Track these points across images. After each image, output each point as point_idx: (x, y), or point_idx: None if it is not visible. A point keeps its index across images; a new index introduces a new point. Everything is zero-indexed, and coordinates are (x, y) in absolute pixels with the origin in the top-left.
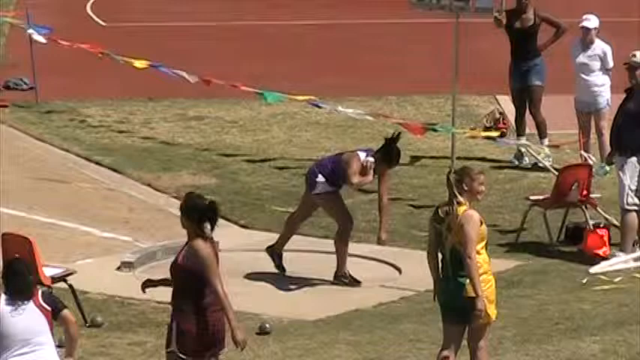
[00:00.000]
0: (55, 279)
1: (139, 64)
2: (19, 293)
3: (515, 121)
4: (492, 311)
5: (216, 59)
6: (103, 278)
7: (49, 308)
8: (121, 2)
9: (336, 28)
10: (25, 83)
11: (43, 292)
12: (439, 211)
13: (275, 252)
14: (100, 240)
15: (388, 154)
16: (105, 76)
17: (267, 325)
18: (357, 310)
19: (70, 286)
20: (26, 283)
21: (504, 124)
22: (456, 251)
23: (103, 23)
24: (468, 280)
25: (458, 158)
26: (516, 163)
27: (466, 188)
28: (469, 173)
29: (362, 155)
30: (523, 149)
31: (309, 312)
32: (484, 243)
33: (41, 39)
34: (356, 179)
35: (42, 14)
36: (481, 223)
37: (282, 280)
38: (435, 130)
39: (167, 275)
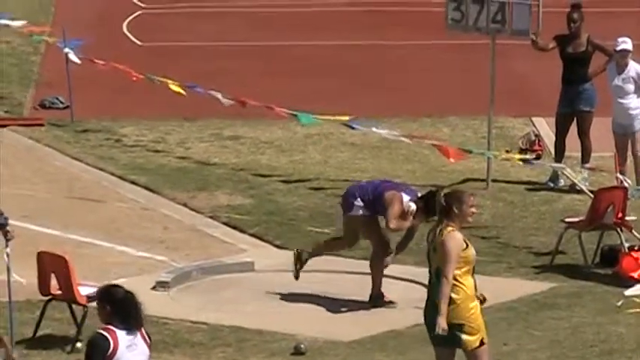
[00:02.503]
0: (90, 298)
1: (175, 87)
2: (135, 326)
3: (555, 145)
4: (475, 338)
5: (252, 79)
6: (138, 298)
7: (149, 341)
8: (157, 22)
9: (372, 48)
10: (61, 102)
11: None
12: (430, 233)
13: (303, 257)
14: (136, 259)
15: (431, 205)
16: (141, 96)
17: (302, 346)
18: (391, 331)
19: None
20: (141, 314)
21: (540, 146)
22: (440, 273)
23: (139, 42)
24: (451, 307)
25: (493, 180)
26: (551, 185)
27: (456, 212)
28: (459, 198)
29: (405, 198)
30: (559, 172)
31: (343, 333)
32: (469, 267)
33: (76, 59)
34: (395, 224)
35: (78, 33)
36: (467, 247)
37: (317, 300)
38: (470, 152)
39: (207, 295)
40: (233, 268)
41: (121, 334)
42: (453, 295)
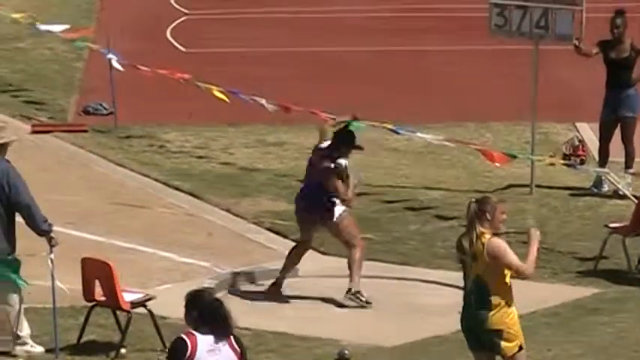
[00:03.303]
0: (134, 304)
1: (219, 93)
2: (221, 333)
3: (599, 150)
4: (514, 344)
5: (295, 85)
6: (182, 304)
7: (239, 350)
8: (200, 28)
9: (415, 54)
10: (105, 108)
11: (234, 335)
12: (462, 241)
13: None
14: (179, 265)
15: (345, 145)
16: (184, 102)
17: (346, 352)
18: (435, 337)
19: (150, 311)
20: (230, 322)
21: (583, 151)
22: (480, 281)
23: (183, 48)
24: (490, 313)
25: (537, 186)
26: (595, 190)
27: (489, 218)
28: (492, 204)
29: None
30: (603, 177)
31: (387, 338)
32: (509, 273)
33: (119, 66)
34: (349, 194)
35: (122, 39)
36: None
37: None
38: (514, 157)
39: (250, 301)
40: (277, 274)
41: (202, 338)
42: (494, 301)
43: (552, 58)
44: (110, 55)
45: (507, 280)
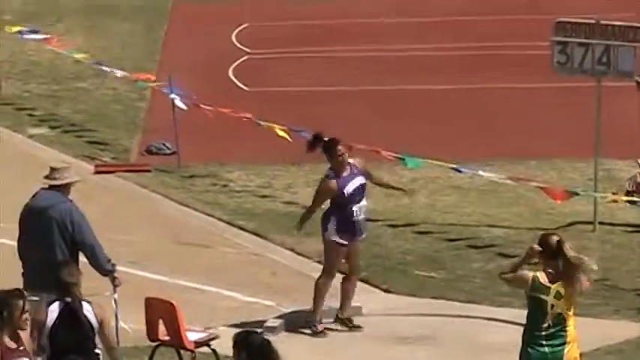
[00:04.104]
0: (198, 343)
1: (281, 131)
2: None
3: None
4: None
5: (358, 123)
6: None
7: None
8: (263, 66)
9: (477, 91)
10: (168, 148)
11: None
12: (541, 280)
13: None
14: (243, 304)
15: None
16: (247, 141)
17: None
18: None
19: (214, 350)
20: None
21: None
22: (562, 317)
23: (245, 87)
24: (566, 349)
25: (600, 223)
26: None
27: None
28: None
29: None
30: None
31: None
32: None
33: (182, 105)
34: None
35: (184, 78)
36: None
37: (424, 344)
38: (576, 194)
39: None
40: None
41: None
42: (569, 336)
43: (614, 94)
44: (173, 95)
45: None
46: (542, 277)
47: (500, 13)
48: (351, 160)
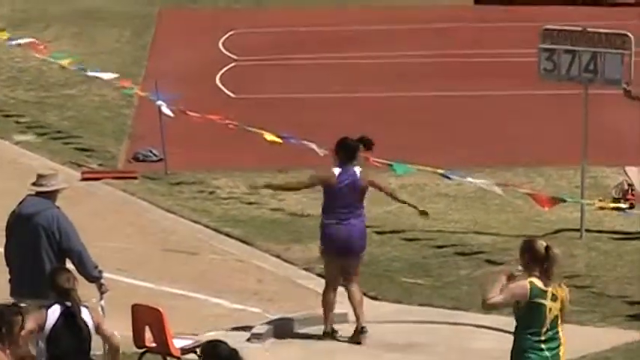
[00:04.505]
0: (184, 350)
1: (269, 137)
2: None
3: None
4: None
5: (346, 130)
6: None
7: None
8: (250, 74)
9: (464, 99)
10: (155, 155)
11: None
12: (538, 285)
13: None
14: (230, 311)
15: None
16: (234, 148)
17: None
18: None
19: (200, 357)
20: None
21: (633, 195)
22: (557, 320)
23: (232, 94)
24: (562, 350)
25: (587, 230)
26: None
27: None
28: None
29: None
30: None
31: None
32: None
33: (169, 112)
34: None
35: (171, 86)
36: None
37: (412, 352)
38: (563, 201)
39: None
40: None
41: None
42: (563, 337)
43: (601, 102)
44: (159, 102)
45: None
46: (538, 282)
47: (487, 20)
48: (357, 169)
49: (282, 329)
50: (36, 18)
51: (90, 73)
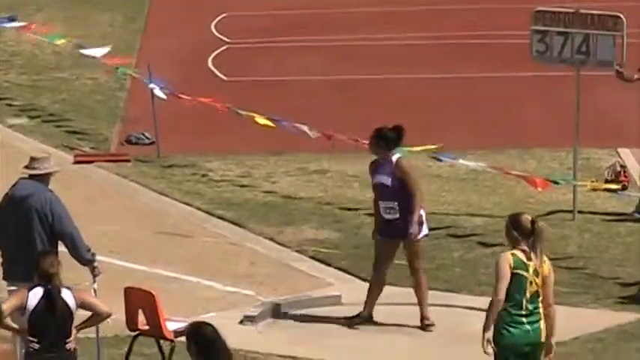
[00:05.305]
0: (177, 333)
1: (261, 120)
2: None
3: None
4: None
5: (338, 113)
6: (225, 332)
7: None
8: (242, 57)
9: (456, 81)
10: (147, 138)
11: None
12: (520, 257)
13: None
14: (223, 294)
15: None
16: (226, 131)
17: None
18: None
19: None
20: (226, 355)
21: (626, 177)
22: (537, 294)
23: (225, 77)
24: (542, 324)
25: (579, 212)
26: (637, 216)
27: None
28: None
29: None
30: None
31: None
32: None
33: (162, 95)
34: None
35: (163, 68)
36: None
37: (405, 334)
38: (556, 183)
39: (294, 329)
40: (320, 302)
41: None
42: (541, 312)
43: (594, 83)
44: (152, 85)
45: None
46: (520, 254)
47: (479, 2)
48: (394, 158)
49: (275, 312)
50: (26, 1)
51: (83, 51)
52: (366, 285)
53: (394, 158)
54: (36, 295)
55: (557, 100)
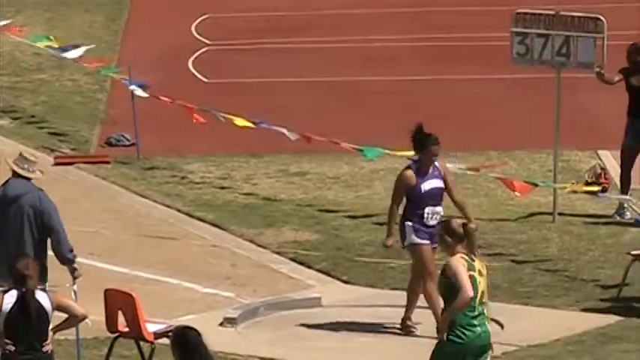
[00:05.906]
0: (157, 335)
1: (240, 122)
2: None
3: (621, 177)
4: None
5: (318, 115)
6: (205, 334)
7: None
8: (223, 58)
9: (437, 83)
10: (127, 139)
11: None
12: (467, 259)
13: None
14: (203, 296)
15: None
16: (206, 132)
17: None
18: None
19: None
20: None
21: (606, 179)
22: (483, 296)
23: (205, 79)
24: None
25: (560, 214)
26: (618, 218)
27: None
28: None
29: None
30: (625, 204)
31: None
32: None
33: (143, 93)
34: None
35: (143, 70)
36: None
37: (383, 335)
38: (535, 185)
39: (274, 331)
40: (300, 304)
41: None
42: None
43: (574, 85)
44: (132, 86)
45: None
46: (466, 257)
47: (460, 4)
48: (437, 163)
49: (255, 314)
50: (6, 2)
51: (63, 54)
52: (346, 286)
53: (437, 162)
54: (12, 297)
55: (537, 102)
